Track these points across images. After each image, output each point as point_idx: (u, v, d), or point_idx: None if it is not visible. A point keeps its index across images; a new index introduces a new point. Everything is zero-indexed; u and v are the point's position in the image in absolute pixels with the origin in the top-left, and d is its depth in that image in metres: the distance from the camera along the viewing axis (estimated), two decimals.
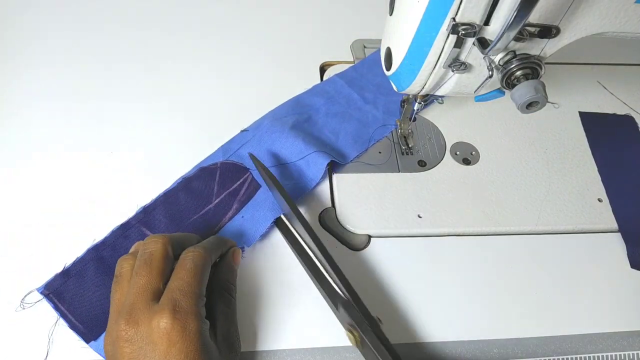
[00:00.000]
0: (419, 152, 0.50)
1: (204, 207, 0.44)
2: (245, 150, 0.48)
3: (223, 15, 0.62)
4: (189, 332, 0.31)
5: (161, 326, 0.30)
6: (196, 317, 0.32)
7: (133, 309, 0.32)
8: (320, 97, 0.54)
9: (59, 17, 0.59)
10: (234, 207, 0.44)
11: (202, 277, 0.34)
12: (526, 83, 0.33)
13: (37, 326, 0.38)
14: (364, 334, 0.35)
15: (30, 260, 0.41)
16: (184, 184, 0.45)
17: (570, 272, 0.44)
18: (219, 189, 0.45)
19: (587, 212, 0.47)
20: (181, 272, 0.34)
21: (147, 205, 0.44)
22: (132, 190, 0.45)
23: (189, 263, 0.34)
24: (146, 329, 0.31)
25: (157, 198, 0.44)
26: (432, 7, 0.33)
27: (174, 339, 0.30)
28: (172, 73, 0.55)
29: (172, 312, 0.31)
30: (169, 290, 0.33)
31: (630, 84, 0.59)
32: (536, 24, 0.33)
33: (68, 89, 0.53)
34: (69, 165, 0.47)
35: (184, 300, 0.32)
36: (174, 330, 0.30)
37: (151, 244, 0.35)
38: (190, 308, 0.32)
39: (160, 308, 0.31)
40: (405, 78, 0.39)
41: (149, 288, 0.33)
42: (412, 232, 0.45)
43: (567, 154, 0.52)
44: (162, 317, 0.31)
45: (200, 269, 0.34)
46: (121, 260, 0.35)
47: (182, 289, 0.33)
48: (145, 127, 0.50)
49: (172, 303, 0.31)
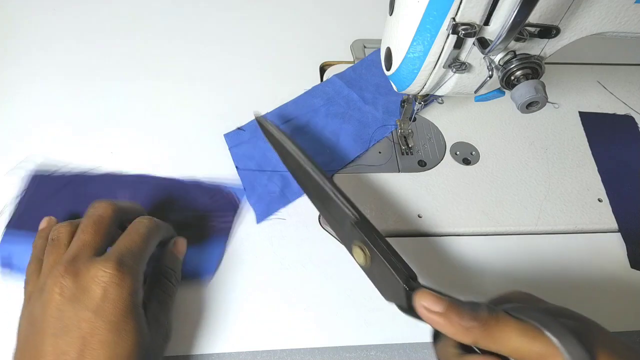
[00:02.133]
0: (419, 152, 0.50)
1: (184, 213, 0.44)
2: (240, 150, 0.48)
3: (223, 15, 0.62)
4: (126, 288, 0.31)
5: (100, 275, 0.31)
6: (136, 276, 0.32)
7: (75, 259, 0.32)
8: (319, 98, 0.54)
9: (60, 17, 0.59)
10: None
11: (149, 244, 0.35)
12: (526, 83, 0.33)
13: None
14: (376, 248, 0.34)
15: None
16: (178, 185, 0.45)
17: (570, 272, 0.44)
18: (205, 208, 0.45)
19: (587, 212, 0.47)
20: (132, 233, 0.35)
21: (137, 175, 0.46)
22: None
23: (141, 228, 0.35)
24: (84, 278, 0.31)
25: (148, 176, 0.46)
26: (432, 7, 0.33)
27: (109, 290, 0.31)
28: (171, 73, 0.55)
29: (116, 264, 0.31)
30: (116, 246, 0.33)
31: (630, 84, 0.59)
32: (536, 24, 0.33)
33: (67, 92, 0.53)
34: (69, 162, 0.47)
35: (129, 258, 0.32)
36: (113, 281, 0.31)
37: (101, 208, 0.35)
38: (133, 266, 0.32)
39: (104, 259, 0.32)
40: (405, 78, 0.39)
41: (92, 245, 0.33)
42: (412, 232, 0.45)
43: (567, 154, 0.52)
44: (104, 266, 0.31)
45: (150, 236, 0.35)
46: (58, 226, 0.35)
47: (130, 247, 0.33)
48: (145, 127, 0.50)
49: (118, 256, 0.32)
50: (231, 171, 0.47)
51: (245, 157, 0.48)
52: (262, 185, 0.47)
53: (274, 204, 0.46)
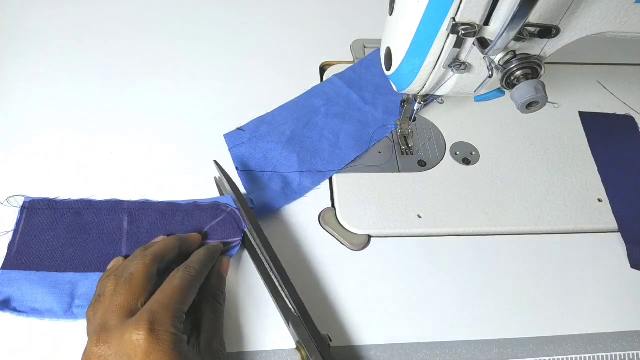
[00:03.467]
0: (419, 152, 0.50)
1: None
2: (240, 151, 0.48)
3: (223, 15, 0.62)
4: (164, 343, 0.31)
5: (134, 338, 0.30)
6: (171, 328, 0.31)
7: (104, 327, 0.32)
8: (319, 98, 0.54)
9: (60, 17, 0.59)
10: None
11: (187, 294, 0.34)
12: (526, 83, 0.33)
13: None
14: (310, 354, 0.35)
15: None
16: (184, 208, 0.44)
17: (570, 272, 0.44)
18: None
19: (587, 212, 0.47)
20: (167, 287, 0.34)
21: (144, 201, 0.44)
22: (132, 190, 0.45)
23: (176, 280, 0.35)
24: (118, 344, 0.31)
25: (156, 203, 0.44)
26: (432, 7, 0.33)
27: (148, 351, 0.30)
28: (172, 73, 0.55)
29: (148, 324, 0.31)
30: (149, 304, 0.33)
31: (630, 84, 0.59)
32: (536, 24, 0.33)
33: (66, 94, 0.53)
34: (69, 162, 0.47)
35: (161, 313, 0.32)
36: (149, 341, 0.30)
37: (133, 265, 0.35)
38: (166, 320, 0.32)
39: (135, 321, 0.31)
40: (405, 78, 0.39)
41: (125, 306, 0.33)
42: (412, 232, 0.45)
43: (567, 154, 0.52)
44: (137, 329, 0.30)
45: (187, 287, 0.35)
46: (104, 280, 0.35)
47: (163, 302, 0.33)
48: (145, 127, 0.50)
49: (150, 315, 0.31)
50: (232, 172, 0.47)
51: (245, 157, 0.48)
52: (262, 186, 0.47)
53: (274, 204, 0.46)
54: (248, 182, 0.47)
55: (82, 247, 0.41)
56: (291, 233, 0.44)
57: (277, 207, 0.46)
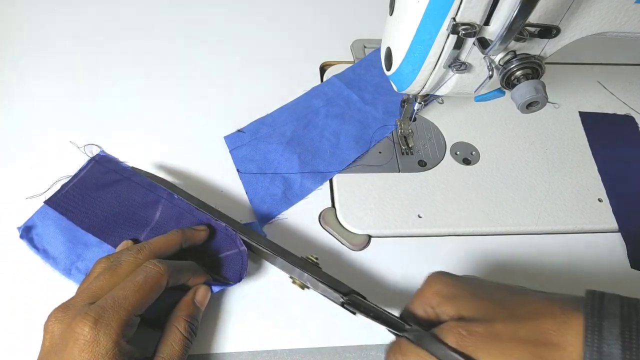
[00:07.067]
0: (419, 152, 0.50)
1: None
2: (240, 153, 0.48)
3: (223, 15, 0.62)
4: (101, 347, 0.30)
5: (77, 330, 0.30)
6: (113, 335, 0.30)
7: (68, 304, 0.32)
8: (319, 99, 0.54)
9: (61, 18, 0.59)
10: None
11: (147, 295, 0.33)
12: (526, 83, 0.33)
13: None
14: (300, 278, 0.38)
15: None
16: (214, 227, 0.41)
17: (570, 272, 0.44)
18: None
19: (587, 212, 0.47)
20: (128, 282, 0.33)
21: (187, 206, 0.42)
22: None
23: (140, 275, 0.33)
24: (65, 327, 0.30)
25: (195, 210, 0.41)
26: (432, 7, 0.33)
27: (83, 348, 0.29)
28: (171, 73, 0.55)
29: (93, 322, 0.30)
30: (105, 298, 0.32)
31: (630, 84, 0.59)
32: (536, 24, 0.33)
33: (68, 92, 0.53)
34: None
35: (110, 314, 0.31)
36: (86, 339, 0.29)
37: (125, 256, 0.35)
38: (112, 323, 0.30)
39: (85, 313, 0.30)
40: (406, 78, 0.39)
41: (96, 293, 0.32)
42: (412, 232, 0.45)
43: (567, 154, 0.52)
44: (82, 321, 0.30)
45: (149, 286, 0.33)
46: (99, 261, 0.35)
47: (117, 300, 0.31)
48: (145, 128, 0.50)
49: (98, 312, 0.30)
50: (232, 174, 0.47)
51: (246, 159, 0.48)
52: (263, 189, 0.46)
53: (276, 207, 0.46)
54: (249, 186, 0.46)
55: (114, 219, 0.41)
56: (291, 233, 0.44)
57: (280, 212, 0.45)
